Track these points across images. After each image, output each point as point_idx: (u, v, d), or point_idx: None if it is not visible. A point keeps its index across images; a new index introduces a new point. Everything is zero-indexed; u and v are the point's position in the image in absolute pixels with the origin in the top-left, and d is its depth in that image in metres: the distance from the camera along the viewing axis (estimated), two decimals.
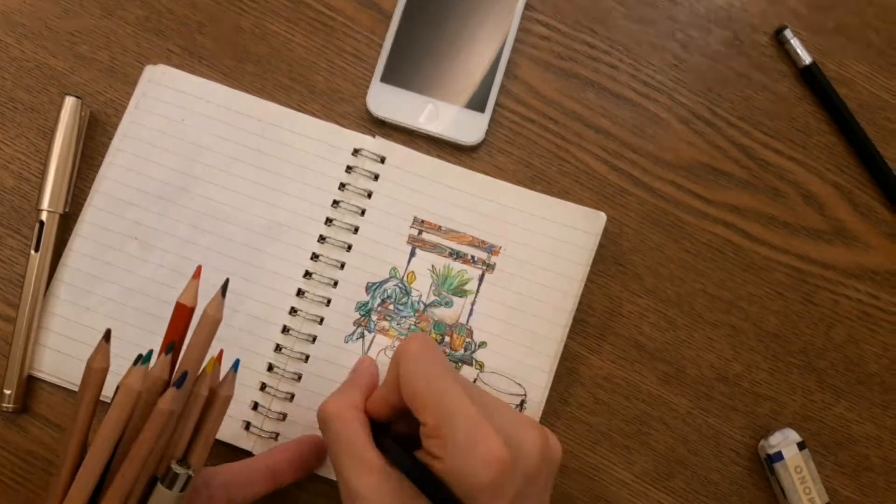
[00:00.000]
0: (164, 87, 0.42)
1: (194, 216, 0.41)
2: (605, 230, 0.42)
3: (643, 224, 0.43)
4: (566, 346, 0.40)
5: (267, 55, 0.43)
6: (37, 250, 0.39)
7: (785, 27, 0.44)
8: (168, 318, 0.39)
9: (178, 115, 0.42)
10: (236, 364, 0.31)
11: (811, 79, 0.44)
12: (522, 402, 0.39)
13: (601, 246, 0.42)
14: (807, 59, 0.44)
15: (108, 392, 0.39)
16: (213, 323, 0.29)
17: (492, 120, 0.43)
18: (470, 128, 0.42)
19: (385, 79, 0.43)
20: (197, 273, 0.30)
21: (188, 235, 0.41)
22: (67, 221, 0.41)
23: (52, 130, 0.40)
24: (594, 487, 0.40)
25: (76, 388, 0.39)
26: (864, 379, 0.42)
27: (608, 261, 0.42)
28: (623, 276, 0.42)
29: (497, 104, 0.43)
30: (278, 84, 0.43)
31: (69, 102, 0.40)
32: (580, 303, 0.41)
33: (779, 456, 0.39)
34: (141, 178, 0.41)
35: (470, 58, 0.43)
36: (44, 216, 0.40)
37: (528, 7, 0.44)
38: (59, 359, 0.39)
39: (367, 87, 0.43)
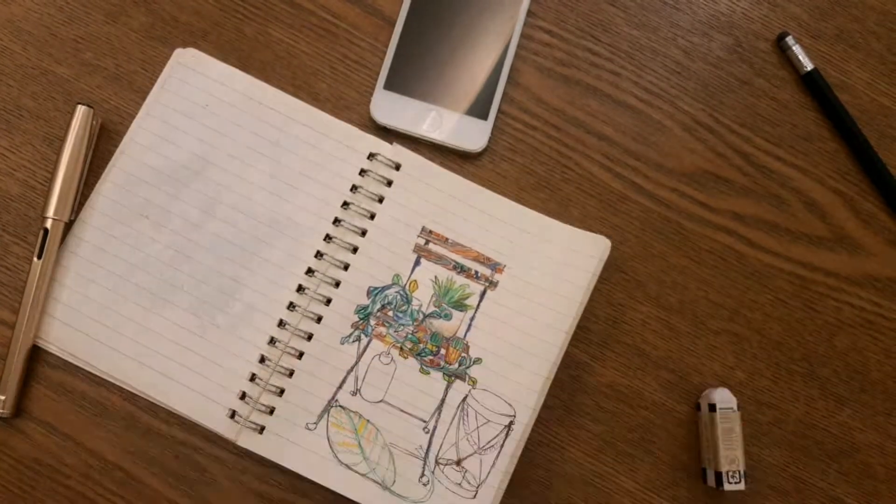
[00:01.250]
0: (192, 70, 0.42)
1: (206, 201, 0.41)
2: (608, 237, 0.42)
3: (645, 231, 0.43)
4: (570, 354, 0.41)
5: (271, 62, 0.43)
6: (39, 257, 0.39)
7: (786, 34, 0.44)
8: (166, 298, 0.40)
9: (202, 100, 0.42)
10: None
11: (813, 85, 0.44)
12: (511, 423, 0.39)
13: None
14: (808, 65, 0.44)
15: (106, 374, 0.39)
16: None
17: (495, 127, 0.43)
18: (473, 135, 0.42)
19: (388, 86, 0.43)
20: None
21: (197, 219, 0.41)
22: (72, 230, 0.41)
23: (62, 138, 0.40)
24: (598, 495, 0.40)
25: (79, 363, 0.39)
26: (867, 387, 0.42)
27: (611, 268, 0.42)
28: (626, 283, 0.42)
29: (500, 111, 0.43)
30: (283, 91, 0.43)
31: (80, 111, 0.40)
32: (583, 310, 0.41)
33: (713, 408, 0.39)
34: (158, 158, 0.41)
35: (473, 65, 0.43)
36: (49, 224, 0.40)
37: (530, 14, 0.44)
38: (65, 330, 0.40)
39: (371, 95, 0.43)
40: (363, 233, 0.41)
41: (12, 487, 0.39)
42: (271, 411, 0.39)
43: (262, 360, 0.40)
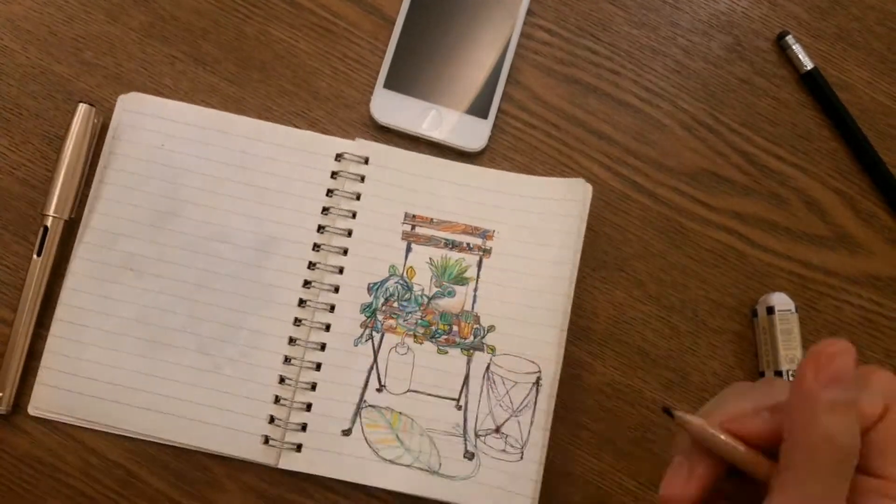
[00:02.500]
0: (139, 114, 0.42)
1: (186, 240, 0.41)
2: (608, 236, 0.42)
3: (646, 230, 0.43)
4: (570, 353, 0.40)
5: (271, 61, 0.43)
6: (39, 255, 0.39)
7: (786, 33, 0.44)
8: (170, 343, 0.39)
9: (157, 141, 0.42)
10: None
11: (813, 84, 0.44)
12: (538, 379, 0.39)
13: (604, 252, 0.42)
14: (808, 64, 0.44)
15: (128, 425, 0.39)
16: None
17: (495, 126, 0.43)
18: (473, 134, 0.42)
19: (388, 85, 0.43)
20: None
21: (182, 259, 0.41)
22: (72, 227, 0.41)
23: (63, 137, 0.40)
24: (598, 494, 0.40)
25: (82, 424, 0.39)
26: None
27: (611, 267, 0.42)
28: (626, 282, 0.42)
29: (500, 110, 0.43)
30: (282, 90, 0.43)
31: (82, 109, 0.40)
32: (583, 309, 0.41)
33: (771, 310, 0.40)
34: (128, 209, 0.41)
35: (473, 64, 0.43)
36: (48, 221, 0.40)
37: (530, 13, 0.44)
38: (63, 395, 0.39)
39: (371, 94, 0.43)
40: (349, 233, 0.41)
41: (13, 486, 0.39)
42: (304, 427, 0.39)
43: (282, 380, 0.39)
